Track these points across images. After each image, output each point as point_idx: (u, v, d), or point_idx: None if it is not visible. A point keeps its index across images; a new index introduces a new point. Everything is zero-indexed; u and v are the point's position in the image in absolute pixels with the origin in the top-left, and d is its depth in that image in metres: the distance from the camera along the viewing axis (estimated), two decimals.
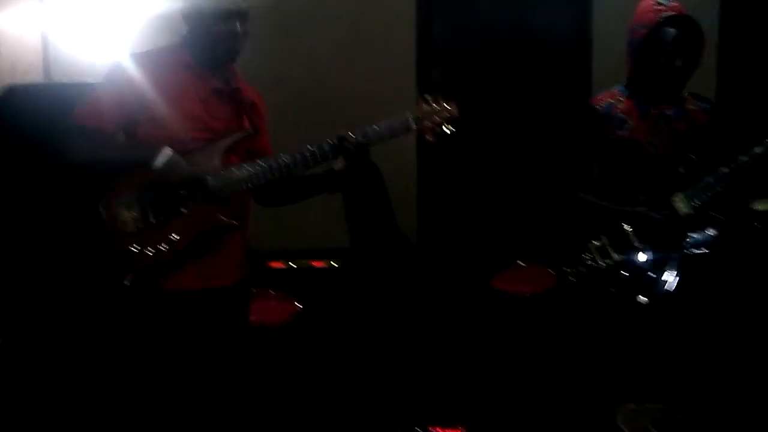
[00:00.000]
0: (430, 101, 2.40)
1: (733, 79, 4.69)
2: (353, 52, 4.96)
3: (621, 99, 2.90)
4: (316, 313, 3.90)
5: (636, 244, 2.77)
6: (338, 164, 2.40)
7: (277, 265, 4.44)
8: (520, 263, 4.08)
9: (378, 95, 4.68)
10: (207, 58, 2.39)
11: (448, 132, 2.38)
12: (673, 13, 2.74)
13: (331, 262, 4.46)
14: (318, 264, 4.48)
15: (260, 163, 2.34)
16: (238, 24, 2.36)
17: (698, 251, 2.75)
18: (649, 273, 2.75)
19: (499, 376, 3.73)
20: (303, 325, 3.69)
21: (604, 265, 2.77)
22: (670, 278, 2.73)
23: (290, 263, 4.48)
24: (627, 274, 2.75)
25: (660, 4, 2.79)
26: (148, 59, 2.39)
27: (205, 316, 2.40)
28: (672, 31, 2.74)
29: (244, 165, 2.35)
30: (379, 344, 4.02)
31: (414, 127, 2.38)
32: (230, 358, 2.48)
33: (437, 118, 2.38)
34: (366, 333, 4.05)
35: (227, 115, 2.44)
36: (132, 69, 2.35)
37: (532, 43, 5.02)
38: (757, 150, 2.60)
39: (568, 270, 2.82)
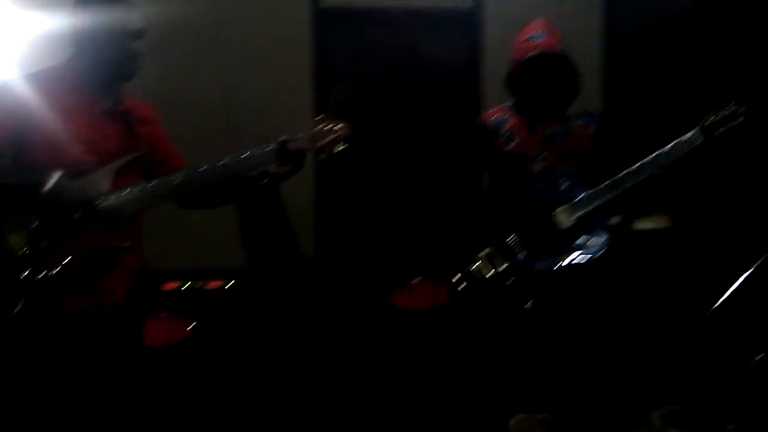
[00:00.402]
0: (323, 121, 2.46)
1: (617, 98, 4.98)
2: (250, 73, 4.98)
3: (510, 115, 3.01)
4: (212, 334, 3.84)
5: (521, 253, 2.89)
6: (274, 169, 2.43)
7: (171, 285, 4.36)
8: (417, 279, 4.17)
9: (275, 115, 4.70)
10: (98, 78, 2.35)
11: (341, 150, 2.45)
12: (540, 50, 2.87)
13: (227, 282, 4.41)
14: (213, 284, 4.42)
15: (149, 185, 2.32)
16: (133, 43, 2.34)
17: (579, 260, 2.90)
18: (533, 280, 2.88)
19: (396, 391, 3.79)
20: (197, 345, 3.64)
21: (491, 274, 2.88)
22: (553, 285, 2.86)
23: (184, 284, 4.40)
24: (513, 282, 2.87)
25: (530, 39, 2.91)
26: (34, 81, 2.32)
27: (99, 336, 2.35)
28: (539, 68, 2.87)
29: (136, 186, 2.32)
30: (276, 363, 4.00)
31: (308, 146, 2.44)
32: (123, 378, 2.43)
33: (331, 138, 2.44)
34: (263, 351, 4.02)
35: (118, 135, 2.39)
36: (17, 91, 2.28)
37: (425, 65, 5.18)
38: (634, 168, 2.77)
39: (456, 280, 2.90)
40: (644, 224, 4.03)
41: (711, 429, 3.41)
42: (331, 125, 2.45)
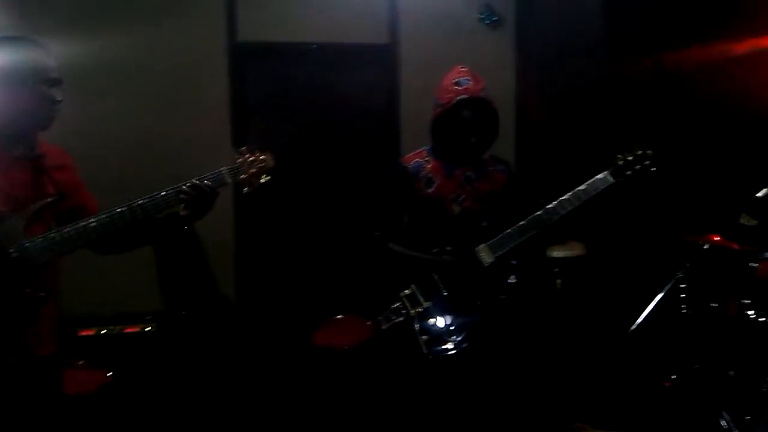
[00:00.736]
0: (246, 153, 2.43)
1: (528, 143, 5.15)
2: (167, 110, 4.93)
3: (428, 159, 3.05)
4: (131, 380, 3.73)
5: (443, 291, 2.93)
6: (182, 210, 2.37)
7: (88, 332, 4.22)
8: (339, 317, 4.16)
9: (194, 151, 4.66)
10: (11, 127, 2.28)
11: (264, 182, 2.42)
12: (467, 96, 2.92)
13: (146, 327, 4.30)
14: (131, 329, 4.30)
15: (66, 230, 2.25)
16: (50, 91, 2.27)
17: (499, 295, 2.95)
18: (455, 317, 2.93)
19: (321, 428, 3.76)
20: (116, 392, 3.52)
21: (414, 312, 2.91)
22: (475, 321, 2.91)
23: (102, 330, 4.26)
24: (435, 321, 2.90)
25: (457, 84, 2.96)
26: None
27: (22, 390, 2.25)
28: (466, 113, 2.92)
29: (49, 233, 2.25)
30: (199, 407, 3.91)
31: (229, 180, 2.39)
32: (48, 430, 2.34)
33: (253, 170, 2.40)
34: (184, 396, 3.93)
35: (30, 182, 2.31)
36: None
37: (343, 100, 5.23)
38: (550, 207, 2.87)
39: (381, 319, 2.92)
40: (559, 252, 4.16)
41: None
42: (254, 157, 2.42)
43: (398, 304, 2.91)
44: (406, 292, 2.92)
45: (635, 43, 4.49)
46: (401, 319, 2.89)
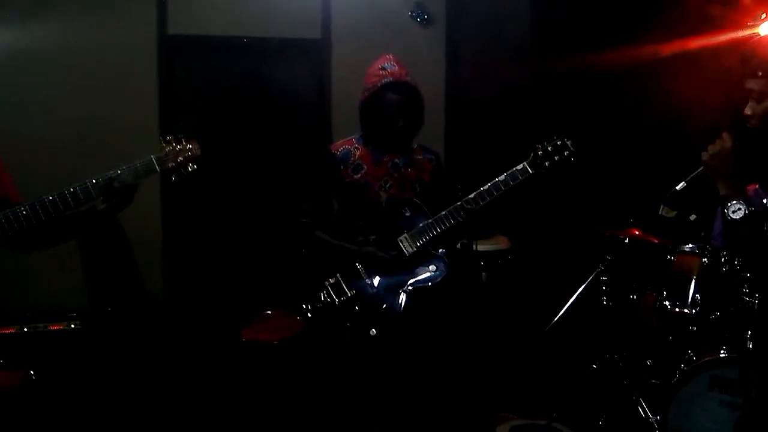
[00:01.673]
0: (173, 142, 2.40)
1: (457, 139, 5.22)
2: (97, 101, 4.83)
3: (357, 146, 3.09)
4: (53, 379, 3.63)
5: (367, 280, 2.95)
6: (100, 204, 2.32)
7: (8, 330, 4.08)
8: (268, 312, 4.14)
9: (122, 144, 4.58)
10: None
11: (192, 171, 2.40)
12: (392, 79, 2.96)
13: (70, 324, 4.19)
14: (55, 327, 4.18)
15: None
16: None
17: (421, 285, 2.99)
18: (378, 306, 2.94)
19: (252, 426, 3.74)
20: (36, 391, 3.42)
21: (338, 301, 2.94)
22: (397, 310, 2.94)
23: (24, 327, 4.13)
24: (359, 309, 2.93)
25: (383, 69, 3.01)
26: None
27: None
28: (391, 95, 2.97)
29: None
30: (125, 406, 3.84)
31: (158, 168, 2.36)
32: None
33: (181, 158, 2.38)
34: (110, 396, 3.85)
35: None
36: None
37: (275, 93, 5.21)
38: (471, 196, 2.92)
39: (306, 307, 2.93)
40: (485, 245, 4.23)
41: None
42: (181, 145, 2.40)
43: (323, 292, 2.92)
44: (331, 280, 2.94)
45: (561, 43, 4.62)
46: (326, 307, 2.91)
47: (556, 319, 3.82)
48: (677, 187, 2.47)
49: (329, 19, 5.20)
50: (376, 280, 2.95)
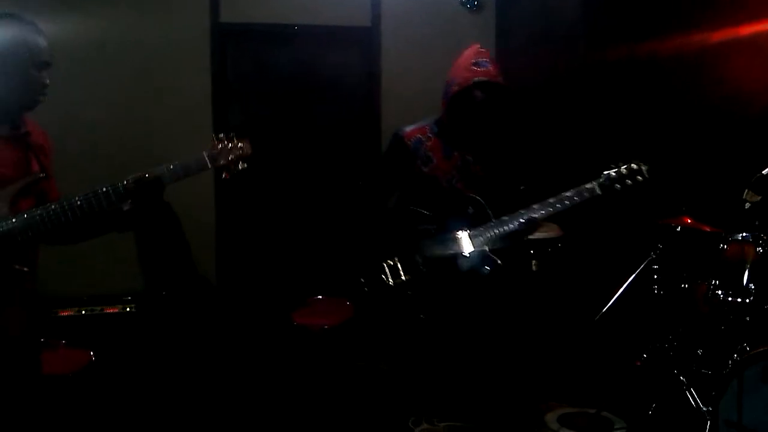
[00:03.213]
0: (224, 140, 2.46)
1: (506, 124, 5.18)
2: (149, 92, 4.93)
3: (430, 136, 3.05)
4: (112, 360, 3.75)
5: (422, 267, 2.94)
6: (127, 205, 2.38)
7: (67, 312, 4.23)
8: (319, 297, 4.21)
9: (177, 136, 4.68)
10: (3, 105, 2.28)
11: (242, 169, 2.45)
12: (484, 78, 2.90)
13: (126, 307, 4.32)
14: (111, 309, 4.32)
15: (51, 206, 2.26)
16: (41, 74, 2.29)
17: (478, 281, 2.96)
18: (431, 294, 2.93)
19: (304, 408, 3.81)
20: (98, 373, 3.54)
21: (393, 283, 2.95)
22: (450, 300, 2.96)
23: (81, 310, 4.28)
24: (411, 294, 2.92)
25: (475, 65, 2.94)
26: None
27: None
28: (480, 94, 2.91)
29: (33, 210, 2.26)
30: (180, 388, 3.95)
31: (209, 165, 2.42)
32: (22, 410, 2.35)
33: (232, 157, 2.44)
34: (165, 377, 3.96)
35: (15, 160, 2.33)
36: None
37: (325, 82, 5.25)
38: (537, 206, 2.87)
39: (364, 282, 2.97)
40: (536, 233, 4.20)
41: (603, 429, 3.60)
42: (232, 144, 2.45)
43: (381, 273, 2.94)
44: (390, 262, 2.95)
45: (613, 30, 4.55)
46: (381, 286, 2.93)
47: (606, 308, 3.79)
48: (764, 171, 2.42)
49: (379, 7, 5.21)
50: (432, 269, 2.95)
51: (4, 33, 2.27)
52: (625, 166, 2.80)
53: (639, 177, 2.79)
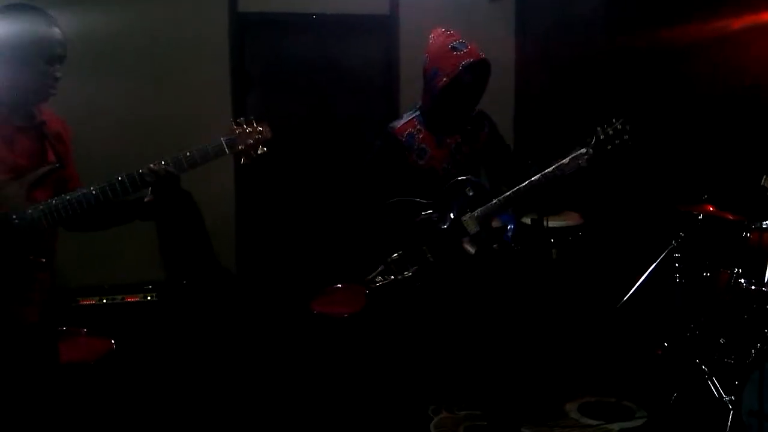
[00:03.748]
0: (243, 124, 2.44)
1: (527, 115, 5.16)
2: (169, 80, 4.94)
3: (419, 128, 3.05)
4: (133, 349, 3.78)
5: (429, 257, 2.95)
6: (148, 194, 2.38)
7: (88, 301, 4.27)
8: (338, 285, 4.21)
9: (196, 127, 4.68)
10: (14, 98, 2.29)
11: (261, 153, 2.43)
12: (472, 59, 2.87)
13: (147, 296, 4.35)
14: (132, 299, 4.35)
15: (67, 197, 2.27)
16: (56, 68, 2.29)
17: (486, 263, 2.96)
18: (439, 284, 2.93)
19: (323, 396, 3.82)
20: (119, 361, 3.58)
21: (401, 276, 2.94)
22: (459, 288, 2.95)
23: (103, 299, 4.31)
24: (420, 285, 2.92)
25: (456, 49, 2.89)
26: None
27: (13, 355, 2.29)
28: (469, 77, 2.89)
29: (51, 200, 2.28)
30: (201, 377, 3.98)
31: (228, 150, 2.41)
32: (40, 397, 2.37)
33: (251, 141, 2.42)
34: (185, 365, 3.99)
35: (32, 150, 2.34)
36: None
37: (343, 70, 5.23)
38: (535, 179, 2.86)
39: (371, 278, 2.97)
40: (556, 221, 4.19)
41: (623, 418, 3.58)
42: (252, 128, 2.44)
43: (383, 267, 2.94)
44: (394, 256, 2.95)
45: (633, 17, 4.51)
46: (388, 280, 2.93)
47: (627, 296, 3.76)
48: None
49: None
50: (439, 259, 2.94)
51: (15, 24, 2.25)
52: (611, 127, 2.77)
53: (625, 136, 2.76)
